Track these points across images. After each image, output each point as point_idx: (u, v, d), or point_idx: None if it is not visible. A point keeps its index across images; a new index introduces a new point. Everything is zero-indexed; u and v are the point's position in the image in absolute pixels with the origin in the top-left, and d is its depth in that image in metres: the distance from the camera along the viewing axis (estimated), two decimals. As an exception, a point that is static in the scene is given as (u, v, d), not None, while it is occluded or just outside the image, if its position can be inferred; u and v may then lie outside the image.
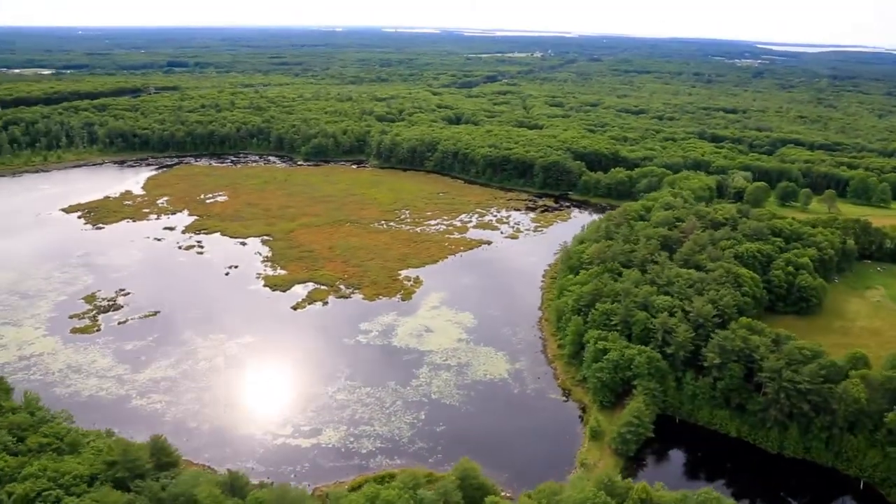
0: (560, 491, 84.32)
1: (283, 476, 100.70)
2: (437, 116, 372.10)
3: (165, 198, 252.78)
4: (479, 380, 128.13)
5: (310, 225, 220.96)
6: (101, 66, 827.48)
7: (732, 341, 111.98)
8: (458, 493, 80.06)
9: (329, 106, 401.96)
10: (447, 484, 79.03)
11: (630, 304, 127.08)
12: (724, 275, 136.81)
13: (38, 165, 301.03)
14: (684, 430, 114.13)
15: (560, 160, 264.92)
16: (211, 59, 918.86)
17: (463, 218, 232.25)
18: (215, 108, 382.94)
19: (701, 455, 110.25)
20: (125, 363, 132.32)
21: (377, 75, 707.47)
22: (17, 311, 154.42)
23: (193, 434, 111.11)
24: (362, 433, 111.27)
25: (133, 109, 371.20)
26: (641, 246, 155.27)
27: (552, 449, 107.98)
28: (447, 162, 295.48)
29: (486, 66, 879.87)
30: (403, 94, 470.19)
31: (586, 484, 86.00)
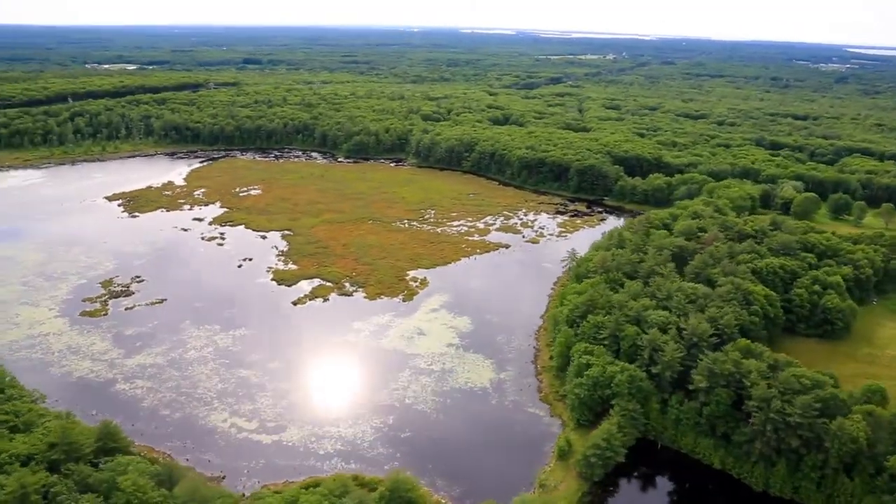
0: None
1: (235, 471, 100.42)
2: (483, 117, 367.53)
3: (203, 189, 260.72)
4: (459, 387, 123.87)
5: (332, 221, 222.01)
6: (182, 62, 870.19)
7: (722, 364, 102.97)
8: (378, 505, 76.57)
9: (378, 104, 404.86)
10: (362, 495, 75.53)
11: (620, 318, 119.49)
12: (731, 291, 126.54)
13: (97, 155, 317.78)
14: (665, 457, 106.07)
15: (596, 164, 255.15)
16: (284, 57, 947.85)
17: (487, 220, 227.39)
18: (267, 104, 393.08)
19: (678, 486, 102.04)
20: (121, 348, 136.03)
21: (440, 75, 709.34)
22: (39, 292, 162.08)
23: (164, 421, 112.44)
24: (325, 434, 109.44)
25: (189, 104, 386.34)
26: (650, 256, 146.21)
27: (516, 466, 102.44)
28: (484, 163, 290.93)
29: (553, 67, 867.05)
30: (458, 94, 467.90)
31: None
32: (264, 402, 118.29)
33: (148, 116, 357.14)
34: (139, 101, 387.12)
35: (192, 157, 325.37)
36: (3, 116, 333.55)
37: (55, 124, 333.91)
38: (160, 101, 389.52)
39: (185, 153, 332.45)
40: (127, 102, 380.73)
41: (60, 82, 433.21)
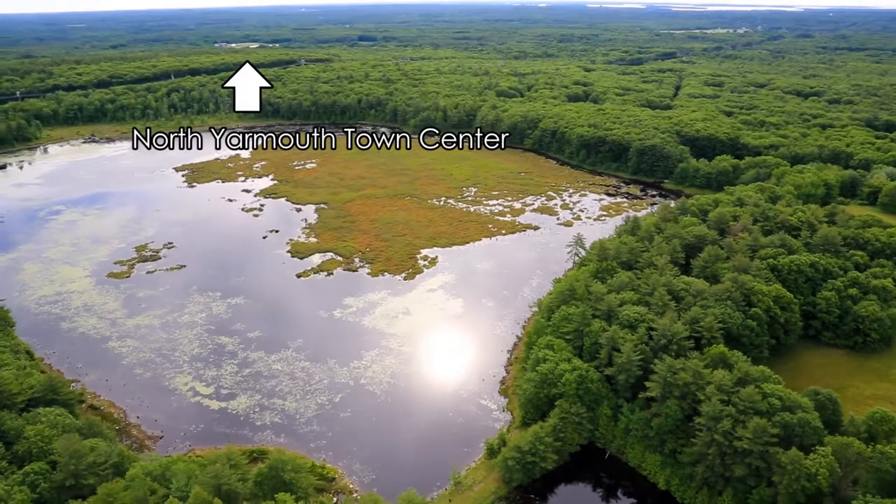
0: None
1: (175, 432, 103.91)
2: (562, 93, 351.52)
3: (263, 163, 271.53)
4: (420, 371, 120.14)
5: (371, 196, 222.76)
6: (301, 40, 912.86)
7: (679, 372, 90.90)
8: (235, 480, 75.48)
9: (458, 80, 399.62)
10: (218, 469, 74.67)
11: (587, 311, 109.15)
12: (728, 289, 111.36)
13: (185, 127, 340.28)
14: (611, 469, 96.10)
15: (659, 144, 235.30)
16: (398, 34, 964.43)
17: (527, 200, 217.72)
18: (348, 80, 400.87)
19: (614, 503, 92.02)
20: (126, 308, 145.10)
21: (545, 51, 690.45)
22: (81, 253, 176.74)
23: (134, 379, 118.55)
24: (270, 405, 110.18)
25: (276, 79, 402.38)
26: (655, 246, 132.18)
27: (443, 459, 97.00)
28: (545, 141, 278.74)
29: (672, 42, 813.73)
30: (548, 70, 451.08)
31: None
32: (228, 369, 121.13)
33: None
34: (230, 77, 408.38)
35: (266, 131, 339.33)
36: (112, 93, 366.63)
37: (153, 100, 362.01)
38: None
39: (262, 127, 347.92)
40: (220, 79, 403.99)
41: (170, 61, 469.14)
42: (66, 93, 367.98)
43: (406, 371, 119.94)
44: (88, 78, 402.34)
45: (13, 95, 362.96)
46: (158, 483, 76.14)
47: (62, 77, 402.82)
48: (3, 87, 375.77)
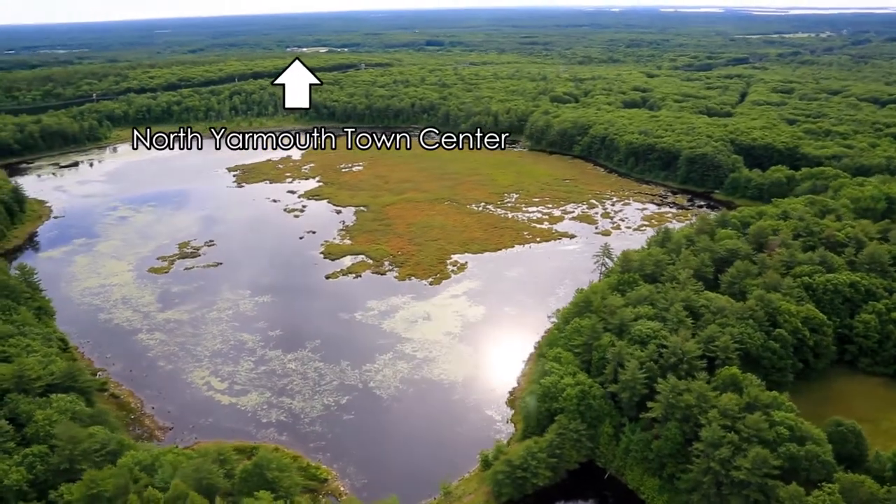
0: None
1: (185, 424, 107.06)
2: (618, 99, 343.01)
3: (311, 164, 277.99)
4: (430, 378, 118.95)
5: (411, 200, 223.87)
6: (370, 44, 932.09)
7: (683, 394, 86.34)
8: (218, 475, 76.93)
9: (515, 85, 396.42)
10: (199, 462, 76.25)
11: (597, 325, 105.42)
12: (752, 308, 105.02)
13: (243, 129, 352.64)
14: (609, 490, 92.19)
15: (710, 152, 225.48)
16: (465, 39, 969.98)
17: (568, 207, 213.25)
18: (404, 84, 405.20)
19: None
20: (160, 302, 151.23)
21: (610, 56, 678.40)
22: (129, 248, 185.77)
23: (156, 371, 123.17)
24: (278, 404, 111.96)
25: (333, 83, 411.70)
26: (682, 258, 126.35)
27: (439, 468, 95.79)
28: (595, 147, 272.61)
29: (746, 47, 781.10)
30: (609, 76, 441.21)
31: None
32: (245, 365, 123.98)
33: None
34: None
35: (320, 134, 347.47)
36: (178, 95, 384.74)
37: (216, 102, 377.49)
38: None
39: (317, 130, 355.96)
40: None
41: (236, 64, 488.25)
42: (136, 95, 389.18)
43: (416, 377, 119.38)
44: (159, 81, 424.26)
45: (90, 97, 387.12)
46: (146, 473, 78.48)
47: (135, 80, 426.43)
48: (82, 90, 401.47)
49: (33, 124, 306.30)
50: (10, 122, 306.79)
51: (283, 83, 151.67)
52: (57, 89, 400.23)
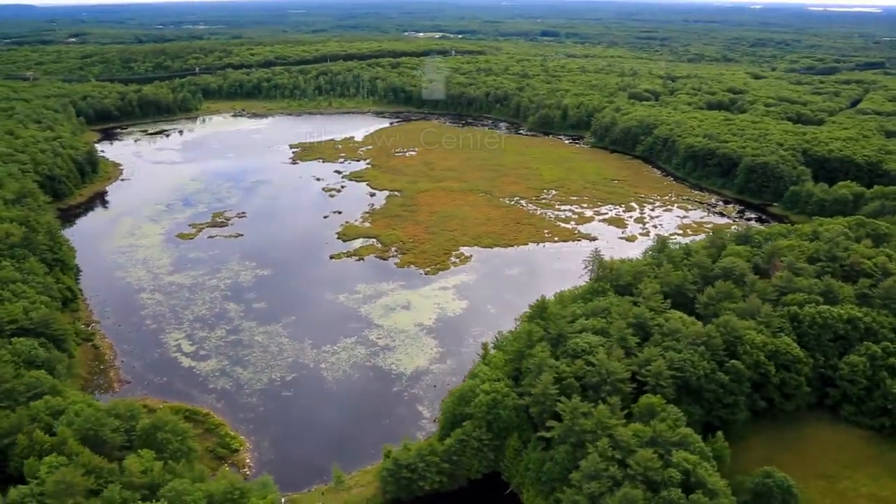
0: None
1: (141, 380, 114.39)
2: (701, 100, 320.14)
3: (368, 147, 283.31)
4: (380, 366, 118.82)
5: (446, 189, 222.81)
6: (486, 32, 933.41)
7: (580, 417, 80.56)
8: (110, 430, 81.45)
9: (597, 79, 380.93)
10: (90, 413, 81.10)
11: (535, 332, 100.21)
12: (709, 333, 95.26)
13: (322, 109, 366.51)
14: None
15: (772, 161, 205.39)
16: (582, 30, 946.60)
17: (603, 209, 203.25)
18: (486, 73, 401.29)
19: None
20: (173, 266, 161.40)
21: (724, 55, 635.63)
22: (169, 214, 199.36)
23: (140, 329, 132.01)
24: (230, 372, 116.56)
25: (415, 68, 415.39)
26: (663, 272, 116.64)
27: (349, 457, 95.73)
28: (656, 148, 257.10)
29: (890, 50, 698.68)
30: (705, 75, 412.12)
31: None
32: (218, 333, 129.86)
33: (376, 78, 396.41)
34: (379, 63, 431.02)
35: (393, 117, 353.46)
36: (270, 72, 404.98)
37: (303, 81, 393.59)
38: (394, 64, 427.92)
39: (390, 113, 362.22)
40: (367, 65, 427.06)
41: (333, 46, 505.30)
42: (234, 71, 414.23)
43: (367, 363, 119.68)
44: (258, 58, 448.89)
45: (192, 71, 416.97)
46: (53, 417, 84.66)
47: (237, 56, 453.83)
48: (188, 64, 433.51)
49: (133, 93, 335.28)
50: (115, 91, 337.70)
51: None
52: (167, 62, 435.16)
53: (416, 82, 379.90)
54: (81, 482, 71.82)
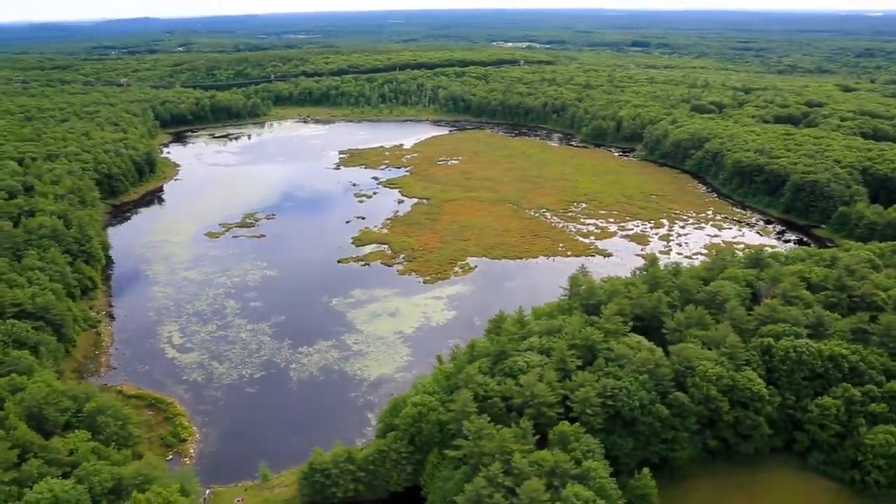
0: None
1: (125, 367, 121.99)
2: (769, 113, 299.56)
3: (413, 155, 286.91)
4: (346, 371, 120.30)
5: (475, 198, 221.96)
6: (575, 42, 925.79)
7: (485, 439, 78.10)
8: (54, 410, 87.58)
9: (662, 90, 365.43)
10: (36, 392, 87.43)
11: (478, 347, 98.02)
12: (658, 361, 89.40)
13: (382, 116, 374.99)
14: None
15: (822, 179, 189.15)
16: (674, 41, 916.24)
17: (631, 224, 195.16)
18: (549, 83, 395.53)
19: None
20: (191, 262, 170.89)
21: (819, 66, 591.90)
22: (207, 213, 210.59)
23: (141, 319, 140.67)
24: (206, 366, 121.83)
25: (480, 78, 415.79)
26: (635, 293, 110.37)
27: (289, 458, 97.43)
28: (706, 163, 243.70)
29: None
30: (784, 86, 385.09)
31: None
32: (209, 328, 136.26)
33: (439, 87, 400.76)
34: (444, 72, 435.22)
35: (450, 126, 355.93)
36: (339, 80, 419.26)
37: (368, 89, 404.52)
38: (459, 73, 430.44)
39: (447, 121, 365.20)
40: (434, 74, 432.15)
41: (407, 55, 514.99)
42: (305, 78, 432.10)
43: (335, 367, 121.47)
44: (331, 67, 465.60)
45: (268, 78, 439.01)
46: (10, 394, 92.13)
47: (312, 65, 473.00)
48: (266, 71, 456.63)
49: (207, 99, 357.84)
50: (192, 97, 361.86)
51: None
52: (247, 70, 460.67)
53: (476, 92, 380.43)
54: (4, 455, 77.89)
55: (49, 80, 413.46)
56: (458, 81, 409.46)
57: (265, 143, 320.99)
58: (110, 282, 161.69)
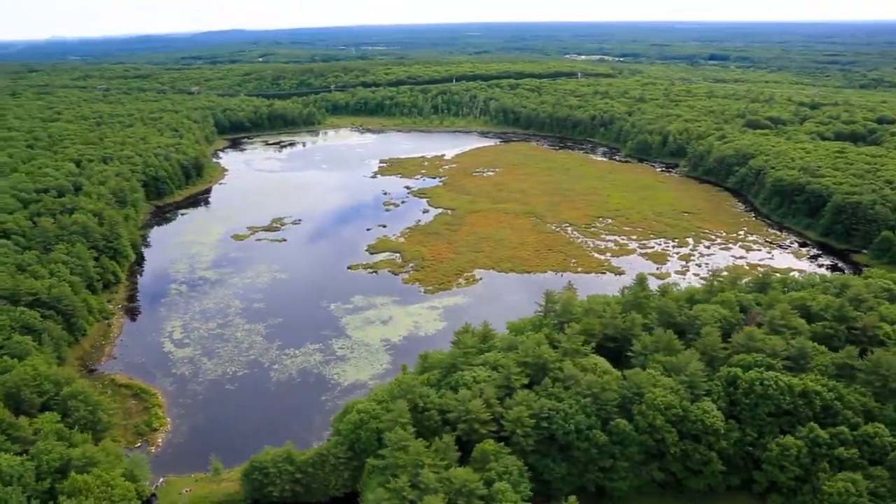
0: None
1: (123, 357, 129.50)
2: (829, 129, 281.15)
3: (452, 165, 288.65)
4: (323, 375, 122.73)
5: (501, 210, 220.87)
6: (649, 55, 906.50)
7: (399, 452, 78.05)
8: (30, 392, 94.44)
9: (719, 104, 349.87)
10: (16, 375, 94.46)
11: (431, 359, 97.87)
12: (605, 385, 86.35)
13: (432, 127, 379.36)
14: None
15: (865, 201, 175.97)
16: (756, 54, 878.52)
17: (653, 242, 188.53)
18: (600, 96, 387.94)
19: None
20: (212, 263, 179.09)
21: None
22: (239, 216, 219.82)
23: (152, 314, 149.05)
24: (196, 361, 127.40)
25: (533, 90, 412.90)
26: (609, 313, 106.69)
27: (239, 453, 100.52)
28: (748, 181, 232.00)
29: None
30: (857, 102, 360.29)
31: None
32: (209, 325, 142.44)
33: (491, 98, 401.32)
34: (499, 84, 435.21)
35: (496, 138, 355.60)
36: (395, 91, 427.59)
37: (422, 100, 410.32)
38: (514, 85, 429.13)
39: (495, 133, 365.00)
40: (488, 86, 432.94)
41: (466, 66, 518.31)
42: (363, 88, 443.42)
43: (314, 370, 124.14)
44: (390, 77, 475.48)
45: (328, 88, 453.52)
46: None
47: (373, 75, 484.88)
48: (328, 81, 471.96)
49: (266, 107, 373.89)
50: (252, 105, 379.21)
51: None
52: (310, 80, 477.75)
53: (526, 104, 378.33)
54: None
55: (129, 89, 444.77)
56: (511, 93, 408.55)
57: (313, 150, 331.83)
58: (136, 277, 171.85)
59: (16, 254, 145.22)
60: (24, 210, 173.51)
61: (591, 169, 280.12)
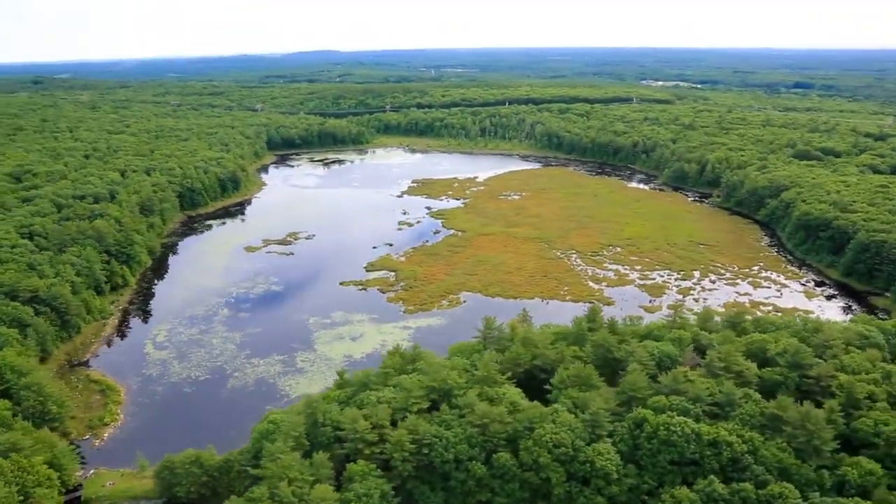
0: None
1: (104, 356, 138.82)
2: (883, 162, 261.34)
3: (480, 188, 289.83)
4: (277, 386, 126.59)
5: (510, 234, 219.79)
6: (729, 82, 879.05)
7: (271, 461, 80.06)
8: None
9: (770, 133, 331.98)
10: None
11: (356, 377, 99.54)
12: (499, 417, 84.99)
13: (476, 149, 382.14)
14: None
15: (891, 240, 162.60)
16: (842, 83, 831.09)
17: (656, 274, 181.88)
18: (649, 122, 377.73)
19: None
20: (220, 272, 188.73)
21: None
22: (258, 230, 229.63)
23: (147, 315, 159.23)
24: (167, 363, 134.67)
25: (582, 115, 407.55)
26: (536, 344, 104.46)
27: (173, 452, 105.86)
28: (777, 214, 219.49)
29: None
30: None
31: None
32: (192, 331, 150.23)
33: (537, 122, 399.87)
34: (549, 108, 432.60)
35: (536, 161, 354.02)
36: (446, 112, 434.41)
37: (471, 122, 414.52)
38: (564, 110, 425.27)
39: (536, 157, 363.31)
40: (538, 109, 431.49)
41: (522, 90, 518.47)
42: (416, 110, 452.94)
43: (270, 381, 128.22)
44: (445, 100, 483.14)
45: (382, 108, 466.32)
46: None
47: (429, 97, 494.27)
48: (385, 102, 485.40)
49: (317, 125, 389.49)
50: (304, 122, 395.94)
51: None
52: (368, 100, 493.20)
53: (571, 129, 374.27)
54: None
55: (199, 105, 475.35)
56: (560, 118, 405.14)
57: (352, 169, 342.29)
58: (149, 282, 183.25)
59: (31, 254, 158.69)
60: (57, 214, 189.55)
61: (620, 196, 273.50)
